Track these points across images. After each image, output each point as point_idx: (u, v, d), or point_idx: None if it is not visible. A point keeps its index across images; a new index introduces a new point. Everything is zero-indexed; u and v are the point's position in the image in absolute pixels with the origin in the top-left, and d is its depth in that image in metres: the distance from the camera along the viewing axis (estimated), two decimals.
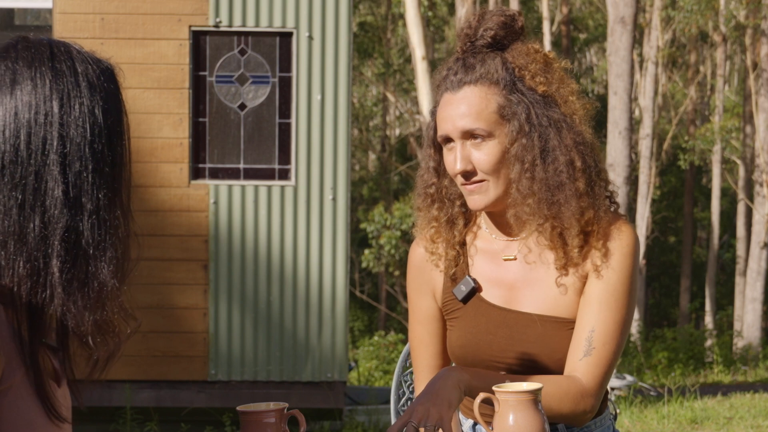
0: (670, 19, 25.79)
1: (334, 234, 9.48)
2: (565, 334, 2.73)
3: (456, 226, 2.83)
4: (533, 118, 2.69)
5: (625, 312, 2.73)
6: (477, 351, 2.77)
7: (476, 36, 2.75)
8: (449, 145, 2.74)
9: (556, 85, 2.75)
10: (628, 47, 14.87)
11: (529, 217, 2.70)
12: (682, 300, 28.40)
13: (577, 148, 2.71)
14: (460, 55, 2.77)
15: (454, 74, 2.74)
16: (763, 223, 22.91)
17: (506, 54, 2.74)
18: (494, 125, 2.69)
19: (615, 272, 2.71)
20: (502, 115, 2.70)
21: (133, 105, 9.39)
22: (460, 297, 2.79)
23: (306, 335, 9.46)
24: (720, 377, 17.68)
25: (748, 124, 25.78)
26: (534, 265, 2.76)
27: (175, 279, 9.38)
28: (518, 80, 2.72)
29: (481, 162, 2.70)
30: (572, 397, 2.67)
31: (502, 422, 2.44)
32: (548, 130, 2.70)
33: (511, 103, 2.69)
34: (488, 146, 2.70)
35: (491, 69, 2.71)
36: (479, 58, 2.74)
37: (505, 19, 2.75)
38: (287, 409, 2.44)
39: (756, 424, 9.35)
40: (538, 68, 2.73)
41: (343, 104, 9.53)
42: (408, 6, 19.08)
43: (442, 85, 2.77)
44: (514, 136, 2.69)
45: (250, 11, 9.47)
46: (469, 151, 2.71)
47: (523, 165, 2.68)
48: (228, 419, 9.46)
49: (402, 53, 29.65)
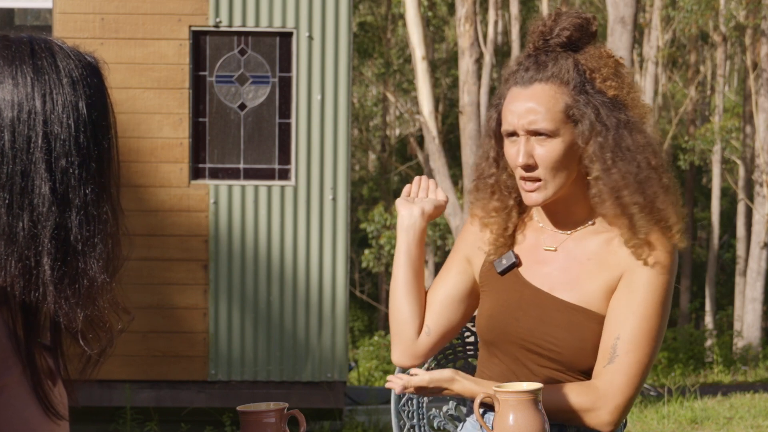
0: (670, 19, 25.79)
1: (334, 234, 9.48)
2: (593, 327, 2.74)
3: (511, 218, 2.87)
4: (603, 118, 2.73)
5: (656, 325, 2.72)
6: (504, 323, 2.81)
7: (551, 34, 2.78)
8: (513, 138, 2.77)
9: (626, 90, 2.78)
10: (628, 47, 14.88)
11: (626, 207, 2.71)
12: (682, 300, 28.40)
13: (650, 147, 2.75)
14: (533, 52, 2.80)
15: (525, 70, 2.77)
16: (763, 223, 22.91)
17: (579, 56, 2.78)
18: (560, 124, 2.73)
19: (649, 282, 2.73)
20: (569, 115, 2.73)
21: (133, 105, 9.39)
22: (499, 269, 2.84)
23: (306, 335, 9.46)
24: (720, 377, 17.68)
25: (748, 124, 25.77)
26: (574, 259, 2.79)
27: (175, 279, 9.37)
28: (588, 82, 2.75)
29: (543, 158, 2.73)
30: (582, 405, 2.67)
31: (502, 422, 2.44)
32: (620, 131, 2.73)
33: (579, 104, 2.73)
34: (552, 144, 2.73)
35: (563, 69, 2.74)
36: (552, 57, 2.77)
37: (581, 21, 2.78)
38: (287, 409, 2.44)
39: (756, 424, 9.35)
40: (610, 72, 2.77)
41: (343, 104, 9.53)
42: (408, 6, 19.07)
43: (511, 79, 2.79)
44: (587, 135, 2.73)
45: (250, 11, 9.47)
46: (532, 146, 2.74)
47: (605, 162, 2.72)
48: (228, 419, 9.46)
49: (402, 53, 29.64)
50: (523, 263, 2.84)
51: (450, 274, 2.94)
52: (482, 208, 2.90)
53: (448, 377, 2.69)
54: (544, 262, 2.82)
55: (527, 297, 2.80)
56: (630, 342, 2.69)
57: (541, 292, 2.79)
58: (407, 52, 28.69)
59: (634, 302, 2.72)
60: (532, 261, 2.84)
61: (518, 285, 2.82)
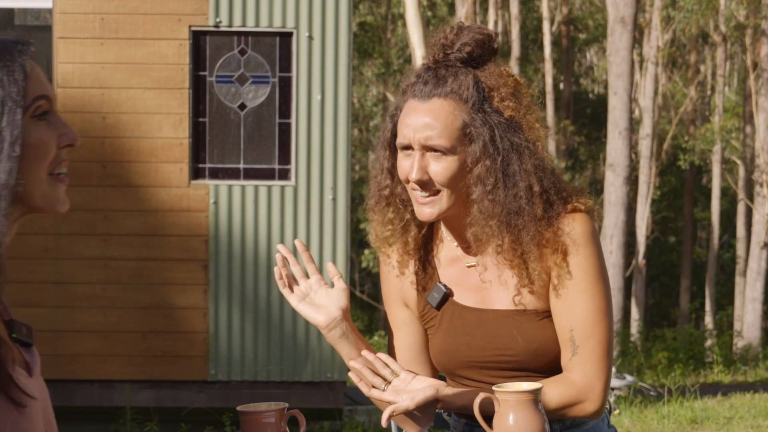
0: (670, 19, 25.78)
1: (334, 234, 9.48)
2: (539, 324, 2.74)
3: (409, 233, 2.83)
4: (497, 140, 2.69)
5: (600, 299, 2.72)
6: (456, 353, 2.81)
7: (452, 49, 2.74)
8: (407, 152, 2.73)
9: (523, 111, 2.74)
10: (628, 47, 14.88)
11: (490, 238, 2.72)
12: (682, 300, 28.40)
13: (536, 173, 2.71)
14: (432, 65, 2.76)
15: (424, 83, 2.72)
16: (763, 223, 22.91)
17: (479, 72, 2.73)
18: (456, 141, 2.68)
19: (577, 265, 2.71)
20: (465, 133, 2.69)
21: (133, 105, 9.39)
22: (434, 304, 2.82)
23: (306, 335, 9.46)
24: (720, 377, 17.68)
25: (748, 124, 25.77)
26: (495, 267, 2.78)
27: (175, 279, 9.37)
28: (486, 101, 2.71)
29: (438, 175, 2.69)
30: (567, 401, 2.70)
31: (502, 422, 2.44)
32: (510, 155, 2.70)
33: (476, 123, 2.68)
34: (447, 161, 2.69)
35: (463, 85, 2.70)
36: (451, 72, 2.72)
37: (483, 37, 2.74)
38: (287, 409, 2.44)
39: (756, 424, 9.36)
40: (508, 92, 2.73)
41: (343, 104, 9.53)
42: (408, 6, 19.08)
43: (408, 91, 2.74)
44: (477, 156, 2.69)
45: (250, 11, 9.47)
46: (427, 162, 2.69)
47: (485, 187, 2.69)
48: (228, 419, 9.46)
49: (402, 53, 29.64)
50: (453, 288, 2.82)
51: (401, 328, 2.92)
52: (378, 221, 2.85)
53: (430, 397, 2.70)
54: (470, 278, 2.81)
55: (469, 320, 2.79)
56: (585, 329, 2.70)
57: (479, 310, 2.78)
58: (407, 52, 28.70)
59: (571, 290, 2.71)
60: (460, 282, 2.82)
61: (456, 312, 2.81)
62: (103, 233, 9.28)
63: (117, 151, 9.41)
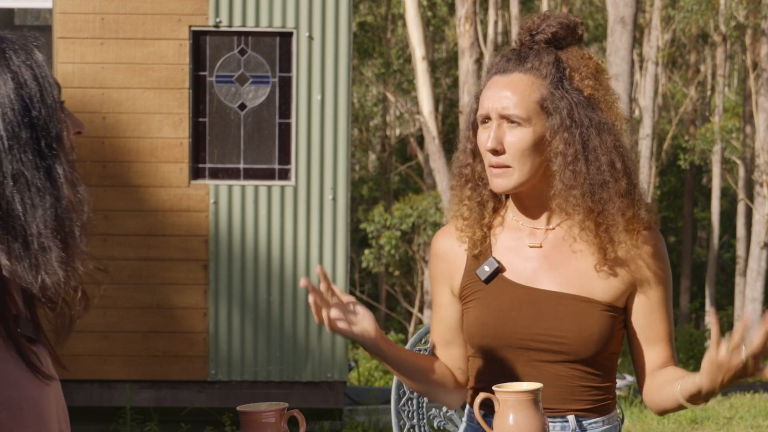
0: (670, 19, 25.79)
1: (334, 234, 9.48)
2: (598, 314, 2.76)
3: (486, 209, 2.87)
4: (575, 115, 2.76)
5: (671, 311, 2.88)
6: (497, 326, 2.80)
7: (537, 30, 2.82)
8: (486, 125, 2.80)
9: (602, 92, 2.81)
10: (628, 47, 14.88)
11: (575, 207, 2.76)
12: (682, 300, 28.40)
13: (617, 150, 2.77)
14: (518, 47, 2.85)
15: (507, 61, 2.81)
16: (763, 223, 22.91)
17: (561, 53, 2.81)
18: (532, 113, 2.75)
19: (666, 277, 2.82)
20: (543, 106, 2.76)
21: (133, 105, 9.39)
22: (483, 277, 2.83)
23: (306, 335, 9.46)
24: None
25: (748, 124, 25.78)
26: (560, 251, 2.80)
27: (175, 279, 9.37)
28: (566, 79, 2.78)
29: (512, 146, 2.75)
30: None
31: (502, 422, 2.44)
32: (590, 130, 2.76)
33: (554, 98, 2.75)
34: (522, 132, 2.75)
35: (543, 62, 2.78)
36: (534, 51, 2.81)
37: (568, 22, 2.83)
38: (287, 409, 2.44)
39: (756, 424, 9.35)
40: (589, 72, 2.80)
41: (343, 104, 9.53)
42: (408, 6, 19.08)
43: (492, 69, 2.83)
44: (555, 129, 2.75)
45: (250, 11, 9.47)
46: (503, 132, 2.76)
47: (565, 158, 2.74)
48: (228, 419, 9.46)
49: (402, 53, 29.64)
50: (507, 265, 2.83)
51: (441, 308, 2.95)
52: (456, 197, 2.91)
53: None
54: (528, 259, 2.82)
55: (519, 297, 2.79)
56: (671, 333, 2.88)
57: (532, 289, 2.79)
58: (407, 52, 28.69)
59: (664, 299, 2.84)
60: (516, 261, 2.83)
61: (506, 288, 2.81)
62: (103, 233, 9.28)
63: (117, 151, 9.41)
